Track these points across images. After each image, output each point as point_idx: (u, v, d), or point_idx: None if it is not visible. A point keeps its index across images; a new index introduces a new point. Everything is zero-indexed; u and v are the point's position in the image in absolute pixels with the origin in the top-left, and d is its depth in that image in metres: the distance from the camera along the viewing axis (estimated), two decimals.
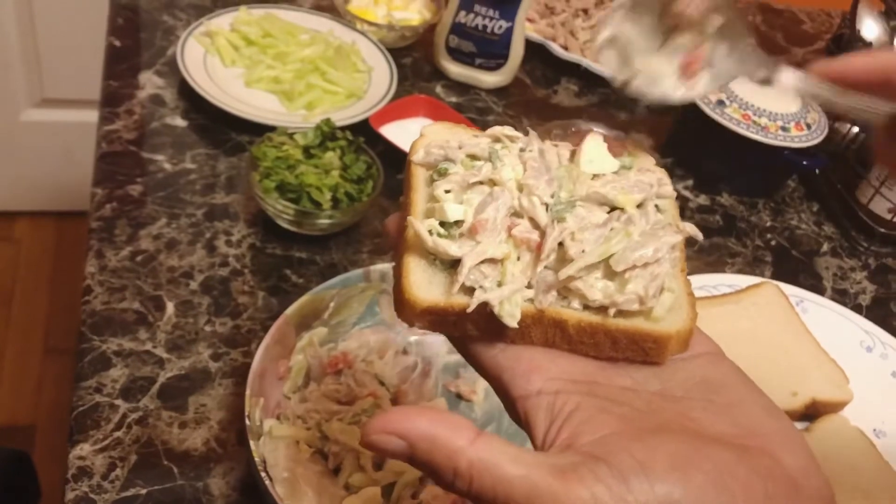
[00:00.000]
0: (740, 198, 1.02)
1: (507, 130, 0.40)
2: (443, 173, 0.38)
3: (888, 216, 0.97)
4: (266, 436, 0.62)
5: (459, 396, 0.71)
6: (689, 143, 1.03)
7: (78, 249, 0.76)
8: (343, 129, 0.85)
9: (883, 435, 0.78)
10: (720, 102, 0.96)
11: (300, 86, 0.94)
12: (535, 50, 1.11)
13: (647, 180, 0.39)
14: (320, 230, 0.80)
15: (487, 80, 1.06)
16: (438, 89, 1.05)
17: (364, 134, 0.86)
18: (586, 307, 0.35)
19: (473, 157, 0.39)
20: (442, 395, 0.71)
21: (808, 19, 1.41)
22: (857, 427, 0.76)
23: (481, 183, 0.37)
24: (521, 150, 0.39)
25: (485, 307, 0.34)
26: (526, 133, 0.41)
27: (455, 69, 1.06)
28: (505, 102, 1.07)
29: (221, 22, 1.00)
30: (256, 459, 0.57)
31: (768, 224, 1.00)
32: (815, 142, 0.96)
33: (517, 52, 1.04)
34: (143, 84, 0.95)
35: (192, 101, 0.93)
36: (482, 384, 0.72)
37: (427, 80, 1.06)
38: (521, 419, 0.33)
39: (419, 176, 0.40)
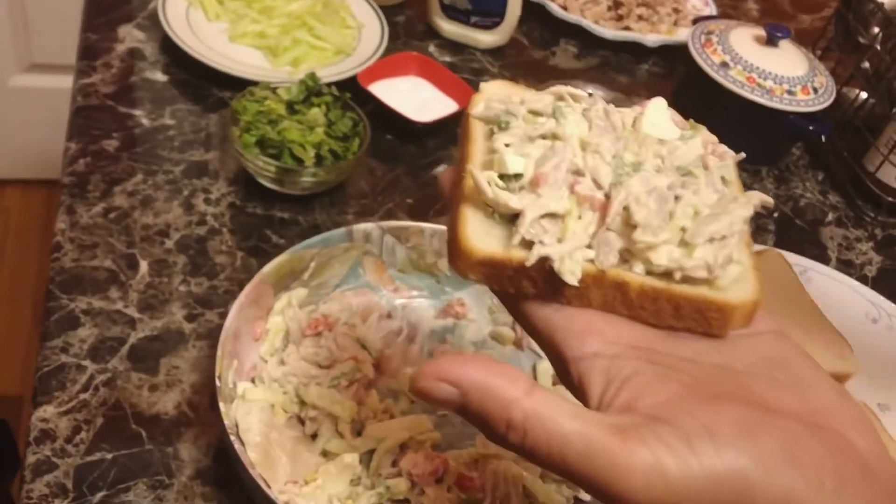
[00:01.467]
0: (743, 165, 0.98)
1: (572, 89, 0.38)
2: (503, 127, 0.37)
3: None
4: (239, 399, 0.59)
5: None
6: (691, 107, 0.98)
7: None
8: (330, 85, 0.81)
9: (887, 409, 0.75)
10: (724, 64, 0.92)
11: (286, 41, 0.90)
12: (533, 9, 1.07)
13: (717, 150, 0.37)
14: (303, 189, 0.77)
15: (483, 40, 1.02)
16: (432, 49, 1.01)
17: (352, 92, 0.83)
18: (649, 272, 0.34)
19: (536, 114, 0.37)
20: (427, 360, 0.67)
21: None
22: (862, 401, 0.73)
23: (543, 137, 0.36)
24: (585, 109, 0.37)
25: (544, 262, 0.33)
26: (589, 94, 0.39)
27: (449, 28, 1.02)
28: (501, 63, 1.03)
29: None
30: (227, 423, 0.53)
31: (772, 192, 0.96)
32: (822, 106, 0.92)
33: (514, 10, 1.00)
34: (123, 37, 0.91)
35: (174, 56, 0.89)
36: (470, 350, 0.69)
37: (420, 39, 1.02)
38: (573, 381, 0.32)
39: (478, 130, 0.38)
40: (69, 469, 0.57)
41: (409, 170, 0.85)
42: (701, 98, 0.96)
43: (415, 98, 0.90)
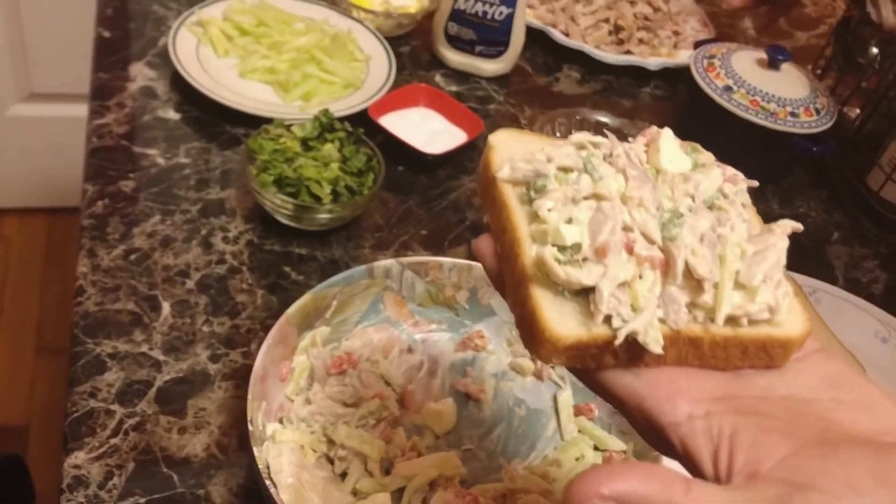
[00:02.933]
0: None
1: (591, 136, 0.39)
2: (540, 190, 0.37)
3: None
4: (269, 441, 0.59)
5: (468, 396, 0.69)
6: (695, 130, 1.00)
7: (69, 246, 0.73)
8: (341, 120, 0.82)
9: None
10: (727, 88, 0.94)
11: (296, 76, 0.91)
12: (535, 36, 1.09)
13: (729, 175, 0.39)
14: (320, 225, 0.78)
15: (488, 69, 1.03)
16: (438, 78, 1.03)
17: (363, 125, 0.84)
18: (713, 320, 0.35)
19: (566, 170, 0.38)
20: (449, 394, 0.68)
21: (810, 2, 1.39)
22: None
23: (586, 199, 0.36)
24: (607, 155, 0.38)
25: (628, 336, 0.33)
26: (605, 135, 0.40)
27: (454, 57, 1.03)
28: (506, 91, 1.04)
29: (214, 11, 0.97)
30: (260, 466, 0.54)
31: (777, 212, 0.97)
32: (825, 127, 0.94)
33: (518, 38, 1.02)
34: (134, 76, 0.92)
35: (185, 94, 0.90)
36: (490, 383, 0.70)
37: (426, 69, 1.04)
38: (675, 447, 0.33)
39: (510, 194, 0.38)
40: None
41: (421, 201, 0.86)
42: (706, 122, 0.98)
43: (424, 129, 0.91)
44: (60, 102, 1.84)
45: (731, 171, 0.40)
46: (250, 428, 0.56)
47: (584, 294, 0.34)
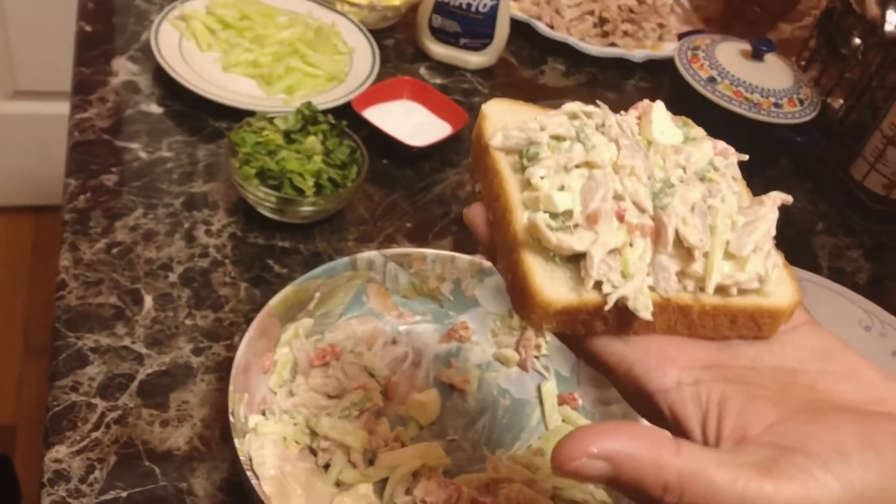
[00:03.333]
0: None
1: (582, 105, 0.39)
2: (533, 158, 0.37)
3: (883, 192, 0.95)
4: (251, 433, 0.59)
5: (452, 387, 0.69)
6: None
7: (55, 245, 0.73)
8: (325, 112, 0.82)
9: None
10: (711, 79, 0.94)
11: (279, 69, 0.91)
12: (520, 29, 1.09)
13: (720, 148, 0.39)
14: (303, 218, 0.77)
15: (472, 61, 1.03)
16: (422, 71, 1.03)
17: (346, 118, 0.83)
18: (702, 289, 0.35)
19: (559, 138, 0.38)
20: (434, 385, 0.68)
21: None
22: None
23: (578, 167, 0.36)
24: (599, 125, 0.38)
25: (618, 301, 0.34)
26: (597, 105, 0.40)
27: (439, 50, 1.03)
28: (491, 83, 1.04)
29: (196, 5, 0.97)
30: (242, 458, 0.54)
31: None
32: (809, 118, 0.94)
33: (503, 31, 1.02)
34: (117, 70, 0.91)
35: (168, 88, 0.90)
36: (475, 374, 0.69)
37: (410, 62, 1.03)
38: (663, 413, 0.33)
39: (503, 162, 0.38)
40: None
41: (406, 194, 0.86)
42: (689, 112, 0.97)
43: (409, 122, 0.91)
44: (46, 100, 1.83)
45: (722, 144, 0.40)
46: (232, 420, 0.56)
47: (575, 260, 0.35)
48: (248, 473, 0.53)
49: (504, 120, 0.40)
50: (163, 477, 0.60)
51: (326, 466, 0.60)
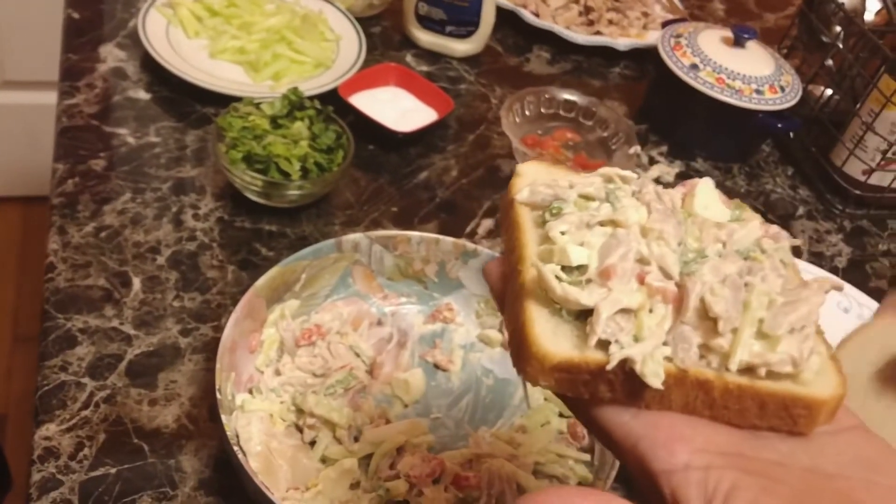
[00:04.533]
0: (715, 163, 1.01)
1: (620, 171, 0.37)
2: (556, 213, 0.35)
3: (863, 178, 0.96)
4: (238, 410, 0.60)
5: (437, 366, 0.70)
6: (663, 109, 1.02)
7: (44, 235, 0.73)
8: (311, 98, 0.82)
9: None
10: (693, 66, 0.95)
11: (266, 56, 0.92)
12: (506, 17, 1.10)
13: (772, 232, 0.36)
14: (290, 202, 0.78)
15: (458, 49, 1.04)
16: (409, 58, 1.03)
17: (333, 104, 0.84)
18: (728, 368, 0.32)
19: (587, 198, 0.35)
20: (418, 365, 0.69)
21: None
22: None
23: (602, 224, 0.34)
24: (636, 191, 0.36)
25: (624, 364, 0.31)
26: (637, 175, 0.38)
27: (425, 37, 1.04)
28: (477, 71, 1.05)
29: None
30: (229, 434, 0.55)
31: (743, 189, 0.99)
32: (790, 104, 0.96)
33: (488, 18, 1.02)
34: (104, 57, 0.92)
35: (156, 74, 0.90)
36: (459, 354, 0.71)
37: (397, 50, 1.04)
38: (663, 495, 0.29)
39: (526, 217, 0.36)
40: (74, 485, 0.58)
41: (392, 179, 0.87)
42: (672, 100, 0.99)
43: (395, 108, 0.92)
44: (35, 90, 1.83)
45: (774, 228, 0.36)
46: (219, 397, 0.57)
47: (585, 319, 0.32)
48: (235, 448, 0.54)
49: (537, 179, 0.38)
50: (151, 454, 0.61)
51: (312, 443, 0.61)
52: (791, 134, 1.03)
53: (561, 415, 0.67)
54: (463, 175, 0.90)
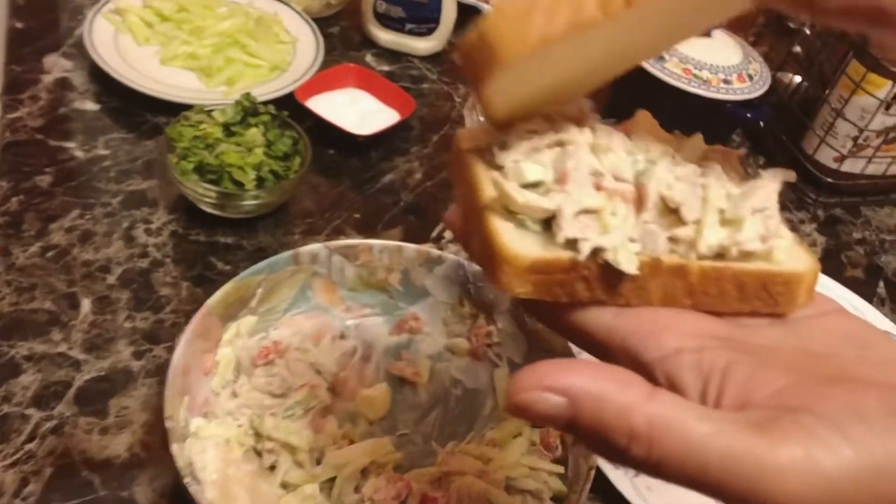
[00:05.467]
0: None
1: (559, 108, 0.36)
2: (504, 147, 0.34)
3: (835, 165, 0.95)
4: (193, 437, 0.57)
5: (403, 380, 0.67)
6: (630, 101, 0.99)
7: None
8: (265, 103, 0.79)
9: None
10: (660, 58, 0.93)
11: (219, 61, 0.89)
12: (468, 13, 1.07)
13: (717, 147, 0.36)
14: (246, 212, 0.75)
15: (419, 47, 1.01)
16: (369, 58, 1.01)
17: (291, 108, 0.81)
18: (699, 253, 0.31)
19: (531, 132, 0.35)
20: (384, 379, 0.67)
21: None
22: None
23: (549, 147, 0.34)
24: (578, 120, 0.35)
25: (598, 256, 0.30)
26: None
27: (385, 36, 1.01)
28: (440, 69, 1.02)
29: None
30: (180, 465, 0.52)
31: None
32: (758, 93, 0.94)
33: (449, 15, 1.00)
34: (49, 68, 0.88)
35: (104, 84, 0.87)
36: (426, 365, 0.68)
37: (357, 50, 1.01)
38: (659, 384, 0.28)
39: (475, 162, 0.35)
40: None
41: (353, 184, 0.84)
42: (639, 92, 0.97)
43: (355, 110, 0.89)
44: None
45: (722, 148, 0.37)
46: (168, 425, 0.54)
47: (549, 227, 0.32)
48: (186, 479, 0.51)
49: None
50: (102, 487, 0.57)
51: (273, 468, 0.58)
52: (761, 123, 1.01)
53: (533, 424, 0.64)
54: (428, 177, 0.87)
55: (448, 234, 0.81)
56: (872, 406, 0.25)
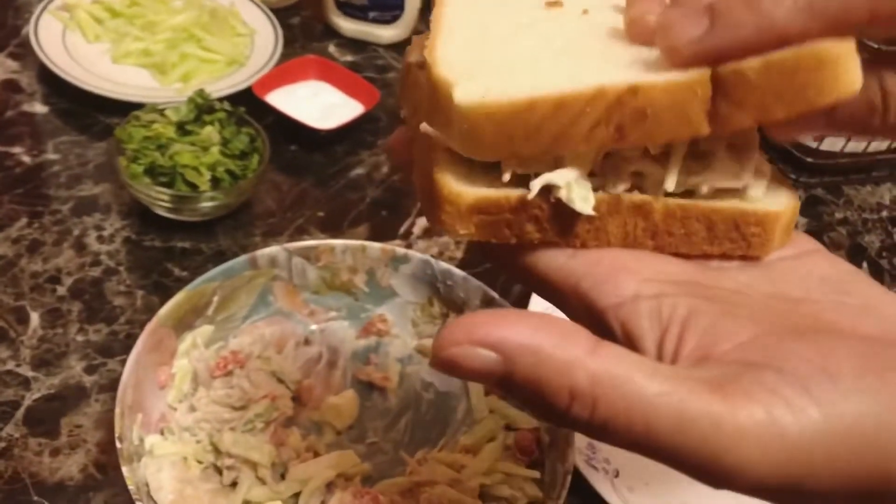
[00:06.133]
0: None
1: None
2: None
3: (814, 144, 0.92)
4: (147, 455, 0.54)
5: (372, 385, 0.64)
6: None
7: None
8: (221, 100, 0.76)
9: None
10: None
11: (173, 56, 0.85)
12: None
13: None
14: (203, 215, 0.72)
15: (384, 35, 0.98)
16: (332, 49, 0.97)
17: (250, 104, 0.78)
18: (666, 190, 0.28)
19: None
20: (352, 385, 0.64)
21: None
22: None
23: None
24: None
25: (549, 194, 0.27)
26: None
27: (348, 25, 0.97)
28: None
29: None
30: (131, 487, 0.49)
31: None
32: None
33: (413, 1, 0.96)
34: None
35: (52, 85, 0.83)
36: (395, 369, 0.65)
37: (319, 40, 0.98)
38: (615, 333, 0.26)
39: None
40: None
41: (317, 181, 0.81)
42: None
43: (317, 104, 0.85)
44: None
45: None
46: (119, 445, 0.51)
47: (497, 167, 0.28)
48: (138, 503, 0.48)
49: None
50: None
51: (234, 485, 0.55)
52: None
53: (508, 427, 0.62)
54: (395, 170, 0.84)
55: (417, 230, 0.78)
56: (843, 362, 0.23)
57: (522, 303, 0.69)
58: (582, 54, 0.29)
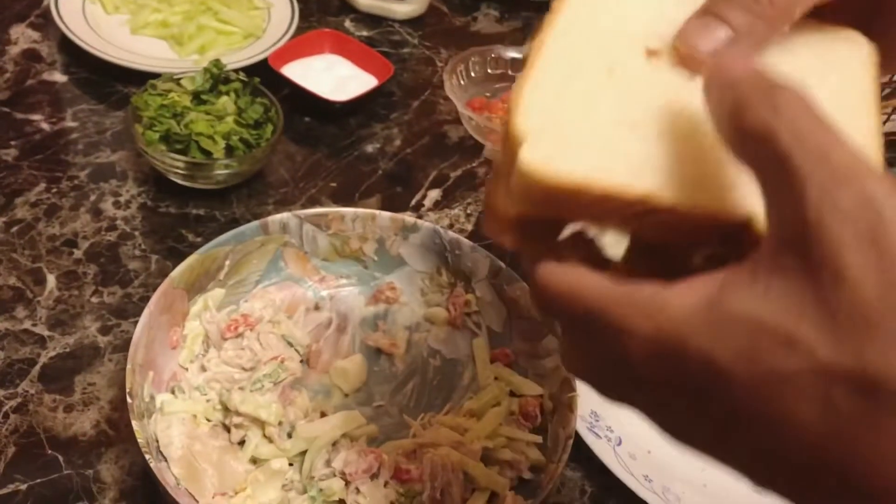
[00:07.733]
0: None
1: None
2: None
3: None
4: (158, 412, 0.56)
5: (380, 351, 0.65)
6: None
7: None
8: (236, 70, 0.77)
9: None
10: None
11: (190, 28, 0.86)
12: None
13: None
14: (217, 183, 0.73)
15: (400, 10, 0.98)
16: (347, 24, 0.98)
17: (265, 76, 0.79)
18: None
19: None
20: (360, 350, 0.65)
21: None
22: None
23: None
24: None
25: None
26: None
27: (364, 0, 0.98)
28: (421, 33, 0.99)
29: None
30: (140, 441, 0.50)
31: None
32: None
33: None
34: (16, 38, 0.86)
35: (72, 55, 0.84)
36: (403, 336, 0.66)
37: (335, 15, 0.98)
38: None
39: None
40: None
41: (330, 152, 0.82)
42: None
43: (331, 77, 0.86)
44: None
45: None
46: (130, 401, 0.52)
47: None
48: (149, 457, 0.50)
49: None
50: (67, 465, 0.56)
51: (242, 443, 0.57)
52: None
53: (512, 394, 0.62)
54: (407, 144, 0.85)
55: (427, 202, 0.79)
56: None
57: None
58: (649, 138, 0.30)
